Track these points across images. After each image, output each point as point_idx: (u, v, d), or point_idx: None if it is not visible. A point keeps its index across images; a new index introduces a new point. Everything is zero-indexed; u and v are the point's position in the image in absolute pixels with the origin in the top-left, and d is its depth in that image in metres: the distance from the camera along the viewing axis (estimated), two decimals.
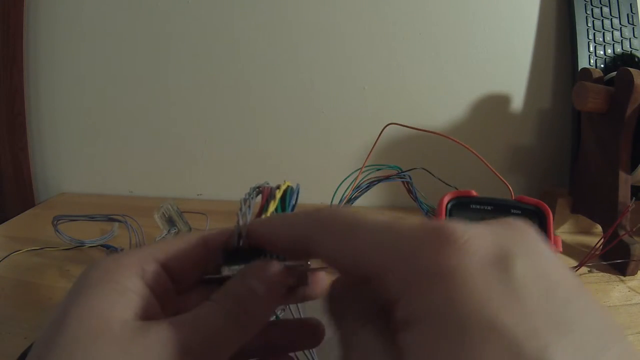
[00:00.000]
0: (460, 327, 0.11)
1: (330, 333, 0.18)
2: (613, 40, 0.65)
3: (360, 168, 0.46)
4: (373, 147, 0.46)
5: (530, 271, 0.12)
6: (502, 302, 0.11)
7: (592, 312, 0.11)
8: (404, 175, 0.48)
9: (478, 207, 0.35)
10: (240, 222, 0.19)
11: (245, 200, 0.21)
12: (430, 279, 0.12)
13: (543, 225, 0.34)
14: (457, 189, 0.42)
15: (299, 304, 0.27)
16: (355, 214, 0.15)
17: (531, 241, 0.13)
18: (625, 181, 0.52)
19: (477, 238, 0.12)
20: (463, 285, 0.11)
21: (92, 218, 0.56)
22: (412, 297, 0.12)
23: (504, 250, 0.12)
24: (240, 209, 0.20)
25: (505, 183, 0.39)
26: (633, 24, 0.65)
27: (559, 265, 0.12)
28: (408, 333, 0.12)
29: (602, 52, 0.64)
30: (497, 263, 0.12)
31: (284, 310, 0.33)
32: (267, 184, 0.23)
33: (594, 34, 0.64)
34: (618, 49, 0.65)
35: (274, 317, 0.20)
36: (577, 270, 0.49)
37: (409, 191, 0.52)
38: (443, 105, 0.70)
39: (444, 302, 0.11)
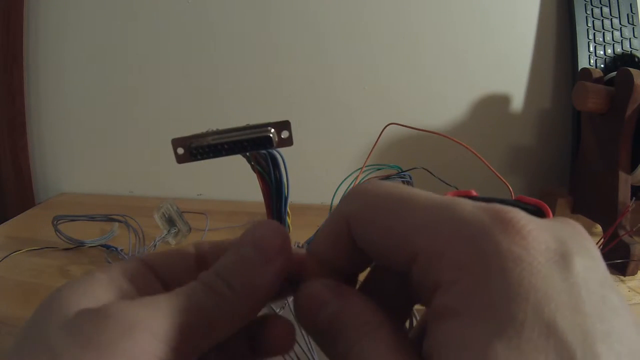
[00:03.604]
0: (518, 323, 0.10)
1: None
2: (613, 40, 0.65)
3: (361, 168, 0.46)
4: (373, 147, 0.46)
5: (588, 273, 0.11)
6: (561, 301, 0.11)
7: (633, 325, 0.11)
8: (404, 175, 0.48)
9: None
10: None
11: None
12: (489, 266, 0.11)
13: None
14: (457, 189, 0.42)
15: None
16: (402, 187, 0.14)
17: (587, 243, 0.12)
18: (625, 181, 0.52)
19: (539, 230, 0.12)
20: (525, 278, 0.11)
21: (92, 218, 0.56)
22: (464, 283, 0.11)
23: (564, 247, 0.12)
24: None
25: (505, 183, 0.39)
26: (633, 24, 0.65)
27: (607, 272, 0.12)
28: (452, 322, 0.11)
29: (602, 52, 0.64)
30: (559, 259, 0.11)
31: (283, 308, 0.32)
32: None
33: (594, 34, 0.64)
34: (618, 49, 0.65)
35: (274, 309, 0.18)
36: None
37: None
38: (443, 105, 0.70)
39: (503, 293, 0.11)
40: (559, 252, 0.11)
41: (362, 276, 0.18)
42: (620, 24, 0.65)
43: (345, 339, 0.14)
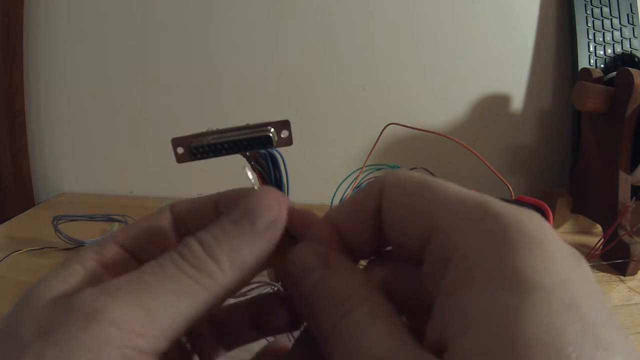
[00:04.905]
0: (545, 295, 0.10)
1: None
2: (613, 40, 0.65)
3: (361, 168, 0.46)
4: (373, 147, 0.46)
5: (592, 276, 0.12)
6: (579, 286, 0.11)
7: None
8: None
9: None
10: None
11: None
12: (514, 240, 0.11)
13: None
14: None
15: None
16: (437, 178, 0.14)
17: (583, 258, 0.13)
18: (625, 181, 0.52)
19: (555, 233, 0.12)
20: (548, 258, 0.11)
21: (92, 218, 0.56)
22: (485, 253, 0.11)
23: (573, 250, 0.12)
24: None
25: (505, 183, 0.39)
26: (633, 24, 0.65)
27: None
28: (470, 293, 0.11)
29: (602, 52, 0.64)
30: (572, 257, 0.12)
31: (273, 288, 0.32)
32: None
33: (594, 34, 0.64)
34: (618, 49, 0.65)
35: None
36: None
37: None
38: (443, 105, 0.70)
39: (529, 266, 0.11)
40: (571, 253, 0.12)
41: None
42: (620, 24, 0.65)
43: (326, 317, 0.13)
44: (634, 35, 0.65)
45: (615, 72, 0.52)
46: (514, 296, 0.10)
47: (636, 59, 0.65)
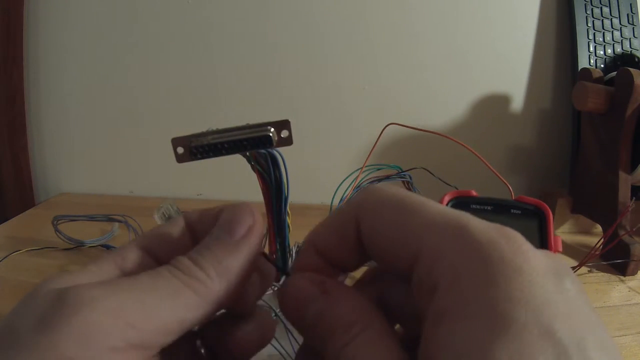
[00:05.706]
0: (519, 325, 0.11)
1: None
2: (613, 40, 0.65)
3: (361, 168, 0.46)
4: (373, 147, 0.46)
5: (577, 291, 0.12)
6: (558, 309, 0.11)
7: (611, 339, 0.12)
8: (404, 175, 0.48)
9: (478, 207, 0.35)
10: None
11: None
12: (492, 271, 0.12)
13: (543, 225, 0.34)
14: (457, 189, 0.42)
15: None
16: (417, 195, 0.15)
17: (571, 272, 0.13)
18: (625, 181, 0.52)
19: (536, 251, 0.13)
20: (526, 286, 0.11)
21: (92, 218, 0.56)
22: (465, 285, 0.12)
23: (557, 268, 0.12)
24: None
25: (505, 183, 0.39)
26: (633, 24, 0.65)
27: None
28: (451, 324, 0.12)
29: (602, 52, 0.64)
30: (553, 276, 0.12)
31: None
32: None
33: (594, 34, 0.64)
34: (618, 49, 0.65)
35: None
36: (577, 270, 0.49)
37: (409, 190, 0.52)
38: (443, 105, 0.70)
39: (505, 297, 0.11)
40: (553, 270, 0.12)
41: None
42: (620, 24, 0.65)
43: (332, 342, 0.14)
44: (634, 35, 0.65)
45: (615, 72, 0.52)
46: (489, 333, 0.11)
47: (636, 59, 0.65)
